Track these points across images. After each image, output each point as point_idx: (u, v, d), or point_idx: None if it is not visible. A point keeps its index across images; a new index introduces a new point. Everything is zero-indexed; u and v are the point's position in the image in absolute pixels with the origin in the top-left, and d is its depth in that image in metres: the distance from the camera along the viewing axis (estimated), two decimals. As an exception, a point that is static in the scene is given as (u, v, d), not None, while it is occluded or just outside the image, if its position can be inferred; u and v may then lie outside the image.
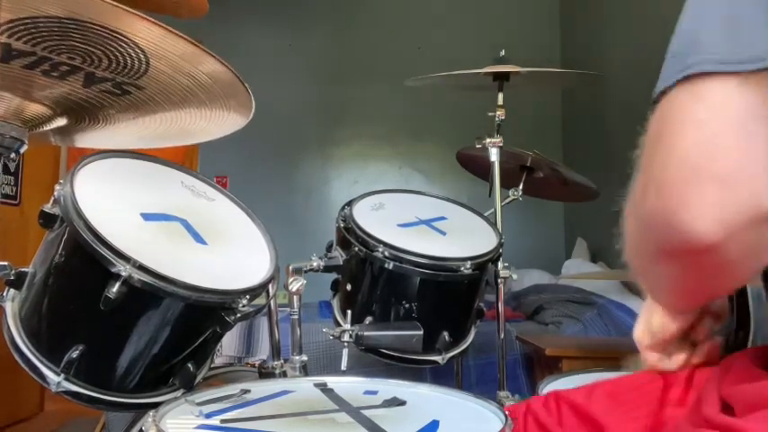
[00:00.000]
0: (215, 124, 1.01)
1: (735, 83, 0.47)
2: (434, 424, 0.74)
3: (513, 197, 1.93)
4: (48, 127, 1.00)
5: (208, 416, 0.75)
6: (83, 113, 0.99)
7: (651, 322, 0.78)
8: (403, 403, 0.82)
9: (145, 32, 0.78)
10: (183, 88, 0.90)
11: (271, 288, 1.09)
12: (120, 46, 0.80)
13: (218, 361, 1.61)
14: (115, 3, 0.72)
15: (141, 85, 0.90)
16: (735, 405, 0.56)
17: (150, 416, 0.72)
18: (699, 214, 0.48)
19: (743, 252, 0.51)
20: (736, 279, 0.59)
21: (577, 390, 0.85)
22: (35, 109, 0.95)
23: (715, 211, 0.48)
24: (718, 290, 0.65)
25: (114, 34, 0.78)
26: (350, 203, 1.45)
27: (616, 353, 2.06)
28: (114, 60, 0.83)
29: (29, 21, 0.75)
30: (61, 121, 1.00)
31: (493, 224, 1.59)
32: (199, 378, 1.02)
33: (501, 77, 1.85)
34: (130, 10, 0.73)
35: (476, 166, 1.99)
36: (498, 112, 1.82)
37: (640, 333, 0.80)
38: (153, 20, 0.76)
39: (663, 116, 0.51)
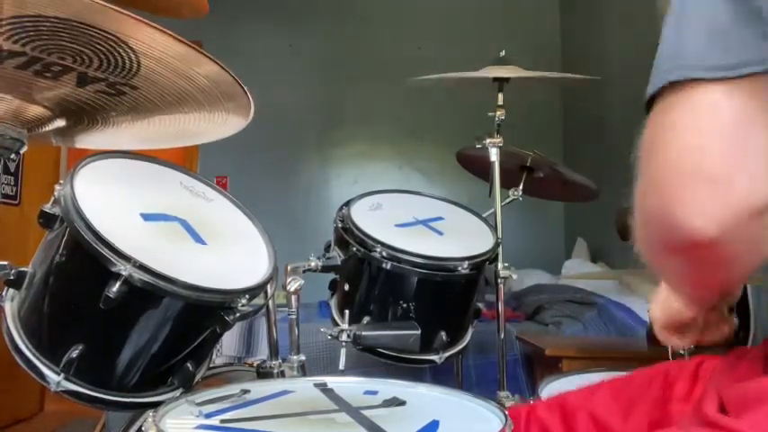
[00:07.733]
0: (214, 126, 1.01)
1: (722, 89, 0.49)
2: (434, 424, 0.74)
3: (513, 197, 1.93)
4: (47, 128, 1.00)
5: (207, 416, 0.75)
6: (81, 115, 0.99)
7: (670, 306, 0.81)
8: (403, 403, 0.82)
9: (132, 30, 0.77)
10: (179, 89, 0.90)
11: (269, 288, 1.10)
12: (109, 45, 0.79)
13: (217, 361, 1.61)
14: (101, 1, 0.71)
15: (135, 85, 0.90)
16: (727, 404, 0.57)
17: (150, 416, 0.72)
18: (693, 212, 0.51)
19: (740, 246, 0.53)
20: (739, 272, 0.62)
21: (580, 391, 0.86)
22: (34, 110, 0.95)
23: (707, 209, 0.51)
24: (725, 282, 0.68)
25: (101, 32, 0.77)
26: (348, 204, 1.45)
27: (616, 353, 2.07)
28: (105, 60, 0.83)
29: (15, 20, 0.74)
30: (60, 123, 1.00)
31: (490, 224, 1.59)
32: (198, 378, 1.02)
33: (501, 78, 1.84)
34: (115, 7, 0.72)
35: (476, 166, 1.98)
36: (498, 112, 1.82)
37: (657, 312, 0.83)
38: (139, 18, 0.74)
39: (656, 122, 0.54)
